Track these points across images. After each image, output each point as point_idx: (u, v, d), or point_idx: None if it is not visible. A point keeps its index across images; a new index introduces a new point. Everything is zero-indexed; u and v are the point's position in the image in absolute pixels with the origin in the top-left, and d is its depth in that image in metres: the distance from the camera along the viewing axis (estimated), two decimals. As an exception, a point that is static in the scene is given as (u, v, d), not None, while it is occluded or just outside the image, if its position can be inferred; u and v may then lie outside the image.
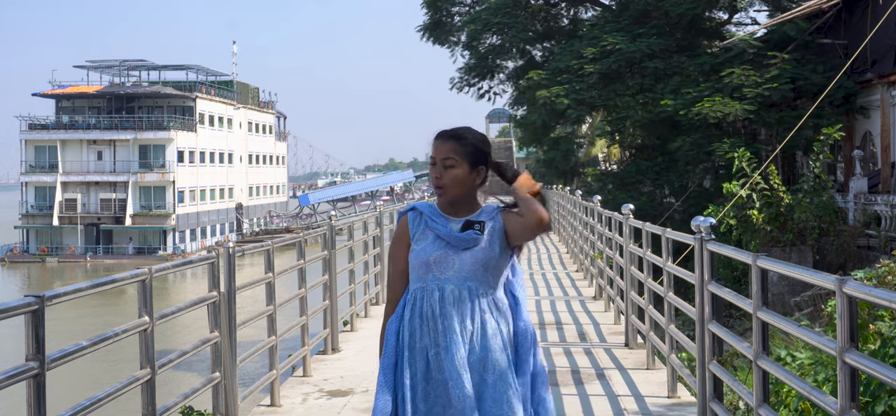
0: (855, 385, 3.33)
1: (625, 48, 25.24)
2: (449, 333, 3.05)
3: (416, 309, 3.11)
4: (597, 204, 13.03)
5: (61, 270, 57.90)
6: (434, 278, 3.10)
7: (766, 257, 4.34)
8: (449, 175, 3.15)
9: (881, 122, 22.86)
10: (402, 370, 3.08)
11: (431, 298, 3.09)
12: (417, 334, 3.09)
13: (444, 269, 3.10)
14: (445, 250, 3.11)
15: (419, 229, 3.18)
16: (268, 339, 6.84)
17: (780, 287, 15.71)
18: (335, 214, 11.08)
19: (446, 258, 3.11)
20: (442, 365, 3.04)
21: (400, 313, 3.16)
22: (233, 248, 5.83)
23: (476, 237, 3.11)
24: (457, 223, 3.15)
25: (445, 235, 3.12)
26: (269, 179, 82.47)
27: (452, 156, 3.15)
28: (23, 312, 3.32)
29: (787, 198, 17.37)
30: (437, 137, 3.21)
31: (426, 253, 3.12)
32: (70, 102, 67.38)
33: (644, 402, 6.81)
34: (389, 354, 3.12)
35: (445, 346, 3.05)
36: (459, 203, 3.19)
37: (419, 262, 3.13)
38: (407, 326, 3.11)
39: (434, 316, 3.08)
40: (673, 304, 6.73)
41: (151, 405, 4.45)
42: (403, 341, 3.11)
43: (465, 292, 3.09)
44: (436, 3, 32.34)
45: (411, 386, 3.07)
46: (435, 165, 3.18)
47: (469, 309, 3.08)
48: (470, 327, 3.08)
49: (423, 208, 3.23)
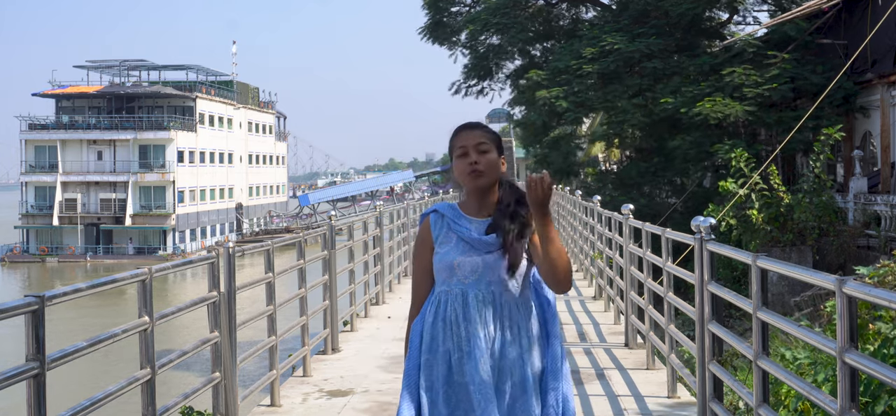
0: (855, 385, 3.33)
1: (624, 48, 25.23)
2: (472, 338, 3.02)
3: (440, 313, 3.08)
4: (597, 204, 13.03)
5: (61, 270, 57.90)
6: (458, 281, 3.07)
7: (766, 257, 4.34)
8: (485, 159, 3.10)
9: (881, 122, 22.86)
10: (425, 373, 3.06)
11: (455, 302, 3.06)
12: (440, 338, 3.06)
13: (468, 272, 3.07)
14: (469, 253, 3.08)
15: (442, 232, 3.15)
16: (268, 339, 6.84)
17: (779, 287, 15.70)
18: (335, 214, 11.08)
19: (470, 262, 3.07)
20: (464, 369, 3.01)
21: (423, 315, 3.13)
22: (233, 248, 5.83)
23: (498, 242, 3.08)
24: (480, 224, 3.12)
25: (469, 237, 3.09)
26: (269, 179, 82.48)
27: (485, 141, 3.13)
28: (23, 312, 3.32)
29: (787, 198, 17.37)
30: (462, 128, 3.17)
31: (450, 257, 3.09)
32: (70, 102, 67.38)
33: (644, 402, 6.81)
34: (413, 357, 3.10)
35: (468, 351, 3.02)
36: (486, 195, 3.15)
37: (443, 265, 3.09)
38: (429, 329, 3.08)
39: (457, 320, 3.05)
40: (673, 304, 6.74)
41: (151, 405, 4.46)
42: (426, 345, 3.08)
43: (489, 296, 3.07)
44: (436, 3, 32.33)
45: (433, 389, 3.04)
46: (466, 155, 3.11)
47: (492, 313, 3.06)
48: (493, 332, 3.05)
49: (444, 209, 3.19)
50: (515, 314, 3.09)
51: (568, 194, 20.18)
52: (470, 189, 3.15)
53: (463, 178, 3.14)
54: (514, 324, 3.08)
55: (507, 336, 3.06)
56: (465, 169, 3.11)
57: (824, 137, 17.95)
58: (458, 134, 3.17)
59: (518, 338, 3.07)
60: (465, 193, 3.19)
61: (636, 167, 26.97)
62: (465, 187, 3.17)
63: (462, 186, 3.19)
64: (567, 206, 20.43)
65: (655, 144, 26.74)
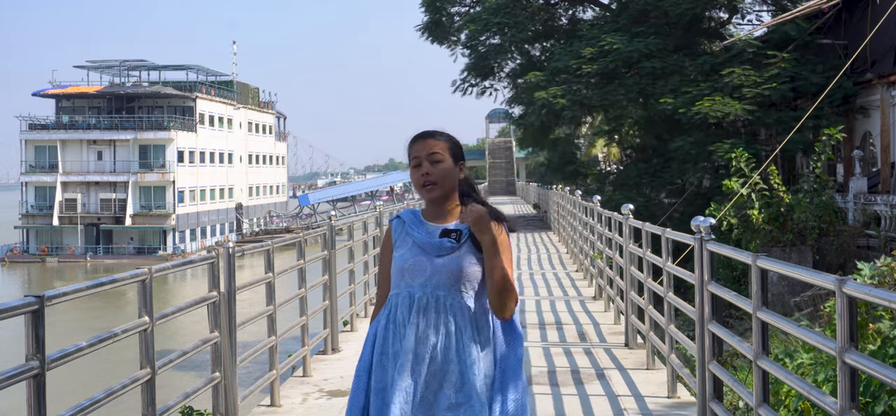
0: (855, 385, 3.33)
1: (623, 48, 25.23)
2: (414, 340, 3.04)
3: (391, 316, 3.11)
4: (596, 204, 13.04)
5: (61, 270, 57.89)
6: (406, 284, 3.10)
7: (766, 257, 4.34)
8: (439, 169, 3.12)
9: (881, 122, 22.87)
10: (376, 375, 3.08)
11: (403, 304, 3.09)
12: (390, 340, 3.09)
13: (416, 276, 3.09)
14: (419, 256, 3.10)
15: (401, 236, 3.18)
16: (268, 339, 6.84)
17: (779, 287, 15.70)
18: (335, 214, 11.07)
19: (419, 265, 3.09)
20: (404, 371, 3.03)
21: (378, 318, 3.17)
22: (233, 248, 5.83)
23: (451, 246, 3.09)
24: (435, 229, 3.14)
25: (421, 241, 3.12)
26: (269, 180, 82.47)
27: (437, 151, 3.13)
28: (23, 312, 3.32)
29: (787, 198, 17.37)
30: (415, 139, 3.18)
31: (402, 260, 3.12)
32: (70, 102, 67.37)
33: (644, 402, 6.81)
34: (364, 358, 3.13)
35: (414, 352, 3.03)
36: (444, 204, 3.16)
37: (395, 268, 3.13)
38: (382, 331, 3.12)
39: (404, 323, 3.07)
40: (673, 304, 6.74)
41: (151, 405, 4.46)
42: (378, 346, 3.11)
43: (432, 301, 3.07)
44: (434, 2, 32.34)
45: (379, 390, 3.06)
46: (419, 166, 3.13)
47: (435, 318, 3.05)
48: (433, 337, 3.04)
49: (406, 215, 3.23)
50: (462, 320, 3.05)
51: (568, 194, 20.20)
52: (426, 200, 3.18)
53: (418, 189, 3.17)
54: (460, 329, 3.05)
55: (452, 341, 3.03)
56: (418, 180, 3.14)
57: (825, 137, 17.96)
58: (413, 144, 3.18)
59: (463, 344, 3.03)
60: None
61: (636, 168, 26.98)
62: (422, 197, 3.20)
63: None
64: (567, 206, 20.44)
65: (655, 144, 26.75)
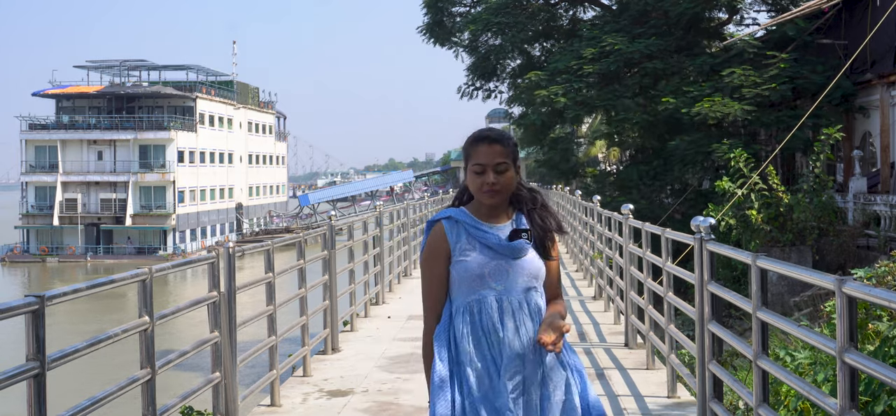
0: (854, 385, 3.33)
1: (623, 49, 25.23)
2: (510, 343, 2.99)
3: (476, 322, 3.02)
4: (596, 204, 13.04)
5: (61, 270, 57.89)
6: (491, 289, 3.02)
7: (766, 258, 4.35)
8: (504, 179, 3.04)
9: (881, 122, 22.86)
10: (464, 384, 2.98)
11: (490, 309, 3.01)
12: (484, 347, 3.00)
13: (499, 279, 3.03)
14: (497, 259, 3.03)
15: (462, 239, 3.07)
16: (268, 339, 6.84)
17: (779, 287, 15.71)
18: (335, 214, 11.08)
19: (500, 268, 3.03)
20: (502, 374, 2.98)
21: (446, 325, 3.05)
22: (233, 248, 5.83)
23: (526, 246, 3.05)
24: (502, 230, 3.07)
25: (494, 243, 3.04)
26: (269, 179, 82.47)
27: (504, 159, 3.04)
28: (23, 312, 3.32)
29: (787, 198, 17.36)
30: (480, 140, 3.07)
31: (478, 265, 3.03)
32: (70, 102, 67.37)
33: (644, 402, 6.81)
34: (444, 367, 3.00)
35: (518, 355, 3.00)
36: (499, 206, 3.11)
37: (470, 274, 3.03)
38: (468, 339, 3.01)
39: (495, 328, 3.00)
40: (672, 304, 6.74)
41: (151, 405, 4.46)
42: (461, 354, 3.01)
43: (522, 302, 3.04)
44: (436, 3, 32.33)
45: (482, 399, 2.97)
46: (483, 172, 3.03)
47: (524, 318, 3.03)
48: (527, 335, 3.02)
49: (459, 216, 3.10)
50: (539, 318, 3.06)
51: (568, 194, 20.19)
52: (483, 203, 3.10)
53: (477, 194, 3.08)
54: (537, 326, 3.06)
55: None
56: (481, 187, 3.05)
57: (824, 137, 17.96)
58: (477, 147, 3.07)
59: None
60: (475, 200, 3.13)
61: (636, 169, 26.97)
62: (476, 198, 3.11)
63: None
64: (567, 206, 20.44)
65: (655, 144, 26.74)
